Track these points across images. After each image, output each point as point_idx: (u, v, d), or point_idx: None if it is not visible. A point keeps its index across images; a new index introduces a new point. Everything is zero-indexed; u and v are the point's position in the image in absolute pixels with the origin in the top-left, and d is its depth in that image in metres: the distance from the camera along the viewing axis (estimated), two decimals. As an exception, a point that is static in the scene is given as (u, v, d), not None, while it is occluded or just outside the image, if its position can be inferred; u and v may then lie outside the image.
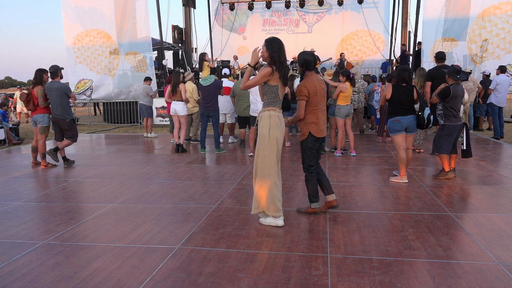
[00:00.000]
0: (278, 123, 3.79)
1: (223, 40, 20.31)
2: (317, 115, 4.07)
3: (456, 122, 5.48)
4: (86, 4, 14.32)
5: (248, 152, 7.72)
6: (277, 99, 3.82)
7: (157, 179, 5.99)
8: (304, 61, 4.04)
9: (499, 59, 12.05)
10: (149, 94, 10.78)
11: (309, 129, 4.08)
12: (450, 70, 5.49)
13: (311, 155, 4.17)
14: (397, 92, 5.37)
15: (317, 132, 4.09)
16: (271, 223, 3.89)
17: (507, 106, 13.43)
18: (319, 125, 4.09)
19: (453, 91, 5.34)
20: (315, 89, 4.00)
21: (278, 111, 3.83)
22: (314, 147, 4.14)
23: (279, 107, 3.85)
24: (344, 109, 7.20)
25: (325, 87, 4.23)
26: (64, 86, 6.82)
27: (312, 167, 4.20)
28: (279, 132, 3.79)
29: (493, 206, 4.45)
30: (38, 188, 5.65)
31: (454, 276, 2.87)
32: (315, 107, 4.05)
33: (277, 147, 3.82)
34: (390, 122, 5.43)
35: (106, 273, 3.02)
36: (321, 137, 4.15)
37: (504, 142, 8.97)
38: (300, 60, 4.09)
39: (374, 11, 18.66)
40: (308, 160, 4.19)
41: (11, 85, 60.51)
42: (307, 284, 2.80)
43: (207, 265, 3.12)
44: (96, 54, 14.47)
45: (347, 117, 7.33)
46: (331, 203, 4.24)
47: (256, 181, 3.87)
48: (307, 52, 4.19)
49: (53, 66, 6.88)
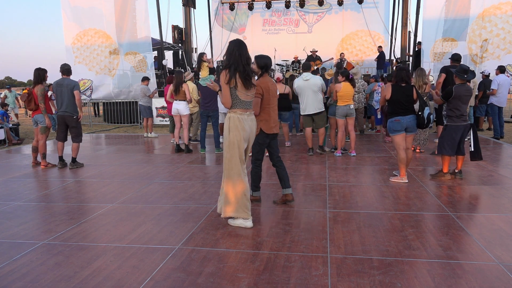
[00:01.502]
0: (237, 125, 3.81)
1: (223, 40, 20.29)
2: (269, 113, 4.39)
3: (459, 122, 5.39)
4: (85, 4, 14.31)
5: (249, 152, 7.71)
6: (238, 101, 3.81)
7: (157, 179, 5.99)
8: (265, 64, 4.32)
9: (499, 59, 12.04)
10: (147, 94, 10.75)
11: (260, 125, 4.36)
12: (457, 70, 5.42)
13: (260, 150, 4.51)
14: (396, 92, 5.36)
15: (268, 129, 4.39)
16: (241, 224, 3.91)
17: (507, 106, 13.42)
18: (269, 122, 4.39)
19: (455, 92, 5.31)
20: (268, 88, 4.32)
21: (239, 113, 3.83)
22: (264, 143, 4.48)
23: (240, 109, 3.83)
24: (342, 110, 7.19)
25: (276, 88, 4.56)
26: (73, 82, 6.80)
27: (259, 161, 4.56)
28: (238, 134, 3.81)
29: (493, 206, 4.45)
30: (38, 188, 5.65)
31: (454, 276, 2.87)
32: (267, 105, 4.37)
33: (238, 149, 3.84)
34: (390, 122, 5.43)
35: (106, 273, 3.02)
36: (271, 133, 4.44)
37: (504, 142, 8.97)
38: (260, 63, 4.30)
39: (374, 11, 18.66)
40: (257, 154, 4.53)
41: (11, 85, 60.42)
42: (307, 284, 2.80)
43: (207, 265, 3.12)
44: (95, 54, 14.45)
45: (347, 117, 7.32)
46: (287, 197, 4.56)
47: (224, 182, 3.92)
48: (266, 56, 4.40)
49: (66, 64, 6.91)
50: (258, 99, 4.27)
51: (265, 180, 5.76)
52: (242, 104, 3.83)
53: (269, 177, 5.92)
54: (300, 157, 7.42)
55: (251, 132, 3.94)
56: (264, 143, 4.47)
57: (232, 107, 3.83)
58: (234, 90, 3.78)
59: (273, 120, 4.42)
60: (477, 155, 5.51)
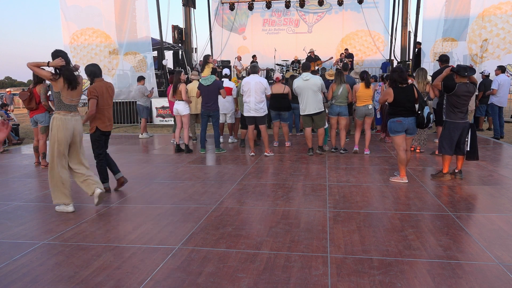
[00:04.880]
0: (59, 125, 4.39)
1: (223, 40, 20.30)
2: (104, 113, 5.09)
3: (456, 119, 5.36)
4: (82, 3, 14.30)
5: (249, 152, 7.73)
6: (61, 104, 4.42)
7: (157, 179, 5.99)
8: (91, 72, 5.02)
9: (499, 59, 12.04)
10: (145, 94, 10.72)
11: (96, 124, 5.08)
12: (457, 69, 5.37)
13: (99, 145, 5.19)
14: (398, 93, 5.34)
15: (103, 127, 5.12)
16: (63, 209, 4.51)
17: (507, 106, 13.42)
18: (104, 121, 5.11)
19: (457, 88, 5.26)
20: (102, 92, 5.02)
21: (63, 114, 4.43)
22: (100, 139, 5.17)
23: (64, 110, 4.43)
24: (361, 110, 7.47)
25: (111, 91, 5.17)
26: None
27: (101, 155, 5.22)
28: (60, 133, 4.38)
29: (493, 206, 4.45)
30: (38, 188, 5.65)
31: (454, 276, 2.87)
32: (102, 107, 5.05)
33: (58, 146, 4.39)
34: (392, 122, 5.41)
35: (106, 273, 3.02)
36: (106, 130, 5.15)
37: (504, 142, 8.97)
38: (86, 71, 5.03)
39: (374, 11, 18.66)
40: (97, 149, 5.20)
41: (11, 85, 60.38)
42: (307, 284, 2.80)
43: (207, 265, 3.12)
44: (93, 54, 14.43)
45: (366, 116, 7.52)
46: (120, 180, 5.34)
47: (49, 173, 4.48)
48: (93, 64, 5.12)
49: None
50: (94, 100, 4.96)
51: (265, 180, 5.76)
52: (65, 106, 4.44)
53: (269, 177, 5.92)
54: (300, 157, 7.42)
55: (74, 130, 4.50)
56: (100, 140, 5.17)
57: (57, 109, 4.45)
58: (59, 94, 4.38)
59: (107, 119, 5.14)
60: (474, 155, 5.48)
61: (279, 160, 7.18)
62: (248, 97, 7.35)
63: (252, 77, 7.42)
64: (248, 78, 7.44)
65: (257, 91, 7.28)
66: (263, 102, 7.40)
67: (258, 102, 7.32)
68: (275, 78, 8.44)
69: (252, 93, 7.29)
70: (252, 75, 7.48)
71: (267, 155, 7.54)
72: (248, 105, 7.39)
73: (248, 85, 7.32)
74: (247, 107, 7.42)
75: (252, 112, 7.38)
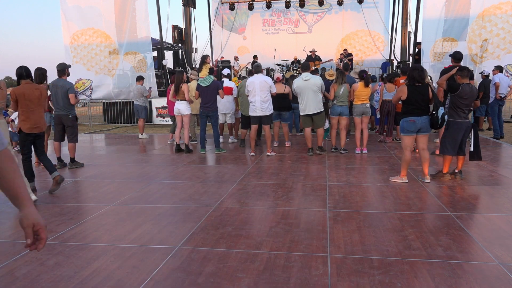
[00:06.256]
0: None
1: (223, 40, 20.30)
2: (28, 115, 5.27)
3: (459, 119, 5.35)
4: (83, 3, 14.30)
5: (249, 152, 7.73)
6: None
7: (157, 179, 5.99)
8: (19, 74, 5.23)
9: (499, 59, 12.04)
10: (144, 95, 10.70)
11: (19, 125, 5.31)
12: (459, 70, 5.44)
13: (24, 145, 5.42)
14: (412, 92, 5.29)
15: (26, 129, 5.29)
16: None
17: (507, 106, 13.42)
18: (27, 123, 5.29)
19: (461, 89, 5.26)
20: (23, 94, 5.18)
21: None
22: (26, 140, 5.39)
23: None
24: (358, 108, 7.47)
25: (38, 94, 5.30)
26: (68, 84, 6.79)
27: (25, 155, 5.43)
28: None
29: (493, 206, 4.45)
30: (38, 188, 5.64)
31: (454, 276, 2.87)
32: (26, 109, 5.25)
33: None
34: (405, 122, 5.37)
35: (106, 273, 3.02)
36: (31, 133, 5.31)
37: (504, 142, 8.97)
38: (16, 73, 5.24)
39: (374, 11, 18.65)
40: (22, 149, 5.45)
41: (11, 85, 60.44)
42: (307, 284, 2.80)
43: (207, 265, 3.12)
44: (93, 54, 14.43)
45: (363, 115, 7.53)
46: (56, 179, 5.37)
47: None
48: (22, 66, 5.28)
49: (61, 64, 6.86)
50: (14, 103, 5.25)
51: (265, 179, 5.76)
52: None
53: (269, 177, 5.92)
54: (300, 157, 7.42)
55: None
56: (26, 140, 5.38)
57: None
58: None
59: (32, 122, 5.29)
60: (477, 155, 5.49)
61: (279, 160, 7.18)
62: (254, 97, 7.35)
63: (257, 76, 7.43)
64: (253, 78, 7.46)
65: (263, 90, 7.31)
66: (268, 101, 7.42)
67: (263, 101, 7.34)
68: (276, 78, 8.45)
69: (257, 92, 7.31)
70: (256, 74, 7.49)
71: (269, 155, 7.54)
72: (254, 104, 7.40)
73: (253, 85, 7.33)
74: (253, 107, 7.43)
75: (258, 111, 7.40)
